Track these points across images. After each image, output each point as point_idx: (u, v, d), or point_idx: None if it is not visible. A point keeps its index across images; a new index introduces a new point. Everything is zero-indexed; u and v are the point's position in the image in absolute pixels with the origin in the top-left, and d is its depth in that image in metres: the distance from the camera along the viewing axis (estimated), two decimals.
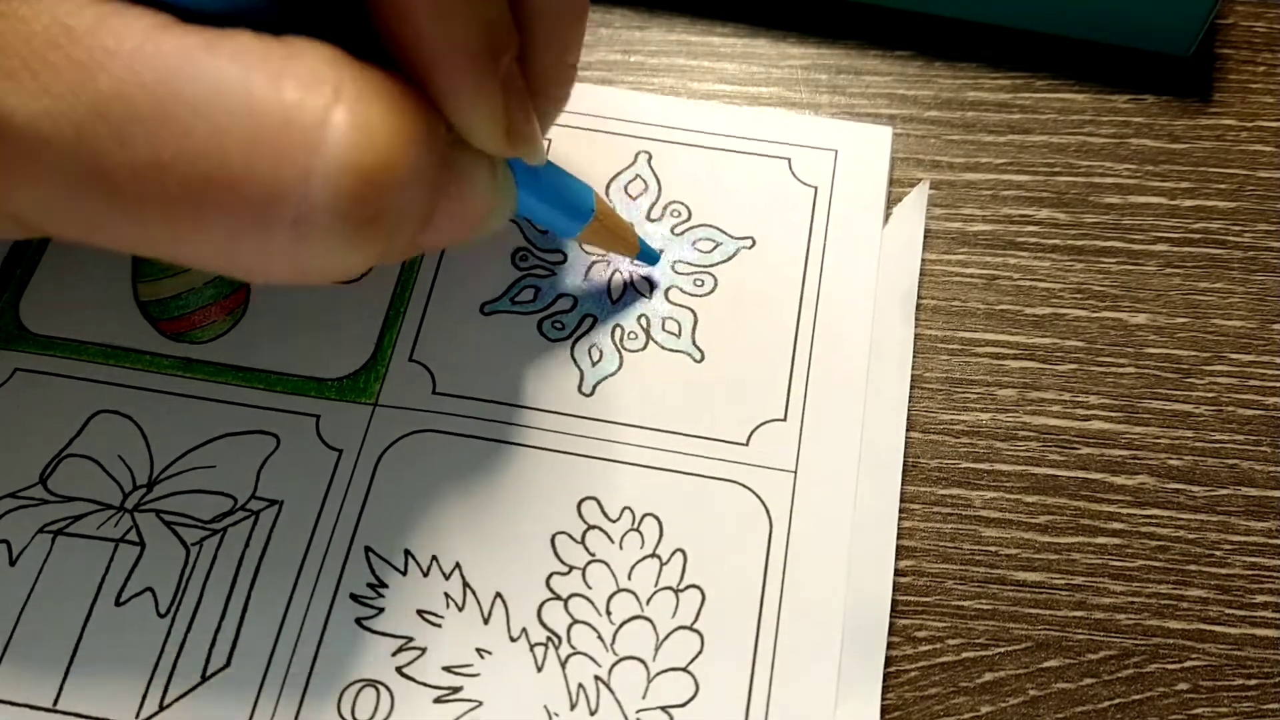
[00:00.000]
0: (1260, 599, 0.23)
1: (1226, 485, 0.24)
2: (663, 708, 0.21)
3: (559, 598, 0.22)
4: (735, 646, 0.22)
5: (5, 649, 0.22)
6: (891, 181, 0.27)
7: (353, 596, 0.22)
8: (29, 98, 0.14)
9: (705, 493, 0.23)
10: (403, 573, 0.22)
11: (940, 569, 0.23)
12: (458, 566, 0.22)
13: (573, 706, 0.21)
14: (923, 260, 0.27)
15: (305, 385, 0.24)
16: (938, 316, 0.26)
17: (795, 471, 0.23)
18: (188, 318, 0.25)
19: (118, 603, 0.22)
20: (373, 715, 0.21)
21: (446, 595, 0.22)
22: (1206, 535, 0.23)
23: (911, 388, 0.25)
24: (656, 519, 0.23)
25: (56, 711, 0.21)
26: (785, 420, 0.24)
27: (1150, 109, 0.29)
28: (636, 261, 0.26)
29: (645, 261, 0.26)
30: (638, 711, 0.21)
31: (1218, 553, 0.23)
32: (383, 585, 0.22)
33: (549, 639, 0.22)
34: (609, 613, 0.22)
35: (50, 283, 0.26)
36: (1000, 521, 0.24)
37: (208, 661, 0.21)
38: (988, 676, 0.22)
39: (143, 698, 0.21)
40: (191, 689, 0.21)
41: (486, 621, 0.22)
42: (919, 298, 0.26)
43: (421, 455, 0.24)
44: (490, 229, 0.20)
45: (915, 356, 0.25)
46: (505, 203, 0.20)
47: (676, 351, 0.25)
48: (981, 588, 0.23)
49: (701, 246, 0.26)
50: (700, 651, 0.22)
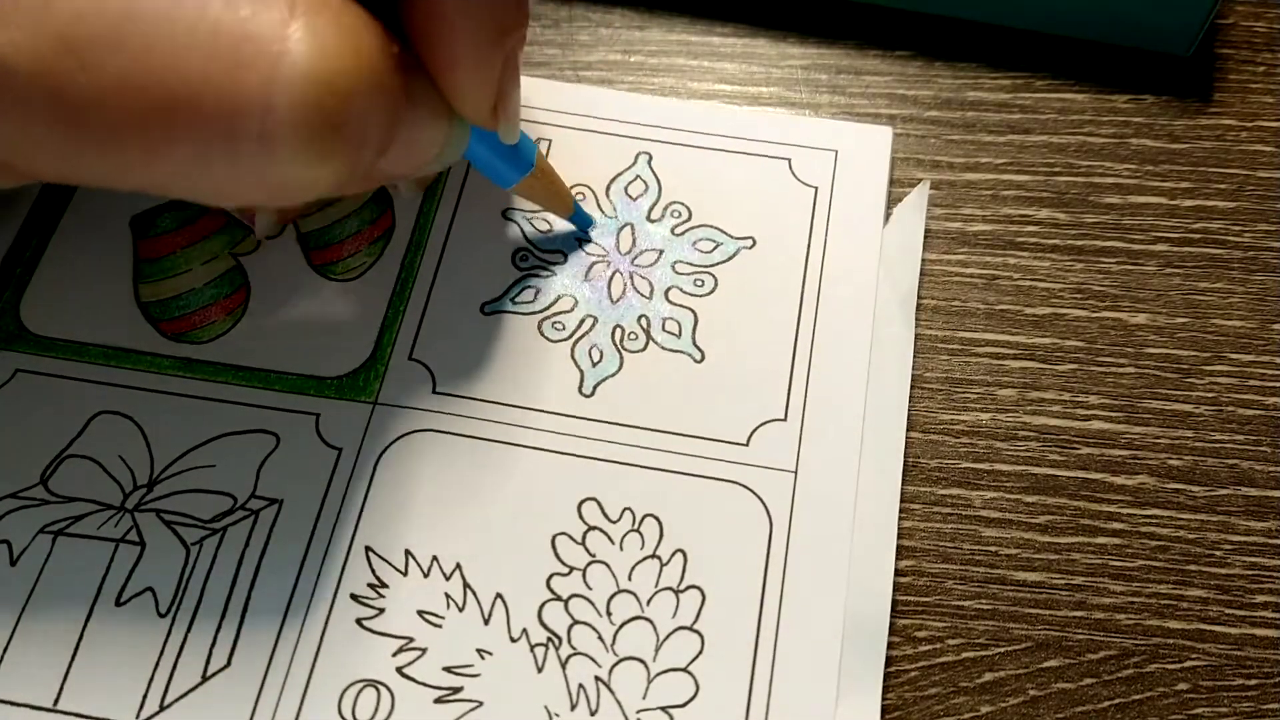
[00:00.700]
0: (1260, 599, 0.23)
1: (1226, 485, 0.24)
2: (663, 708, 0.21)
3: (559, 598, 0.22)
4: (735, 647, 0.22)
5: (6, 649, 0.22)
6: (892, 181, 0.27)
7: (353, 596, 0.22)
8: (2, 38, 0.14)
9: (706, 493, 0.23)
10: (403, 573, 0.22)
11: (940, 569, 0.23)
12: (458, 567, 0.22)
13: (573, 707, 0.21)
14: (923, 260, 0.27)
15: (305, 384, 0.24)
16: (938, 316, 0.26)
17: (795, 471, 0.23)
18: (188, 318, 0.25)
19: (118, 603, 0.22)
20: (373, 715, 0.21)
21: (447, 595, 0.22)
22: (1206, 535, 0.23)
23: (911, 388, 0.25)
24: (657, 519, 0.23)
25: (57, 711, 0.21)
26: (785, 420, 0.24)
27: (1150, 109, 0.29)
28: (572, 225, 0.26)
29: (578, 225, 0.26)
30: (638, 712, 0.21)
31: (1218, 553, 0.23)
32: (383, 585, 0.22)
33: (549, 639, 0.22)
34: (609, 613, 0.22)
35: (51, 283, 0.26)
36: (1000, 521, 0.24)
37: (208, 661, 0.21)
38: (988, 676, 0.22)
39: (143, 697, 0.21)
40: (192, 689, 0.21)
41: (487, 622, 0.22)
42: (919, 298, 0.26)
43: (422, 455, 0.24)
44: (441, 165, 0.20)
45: (915, 356, 0.25)
46: (457, 141, 0.20)
47: (677, 352, 0.25)
48: (981, 588, 0.23)
49: (702, 247, 0.26)
50: (700, 652, 0.22)
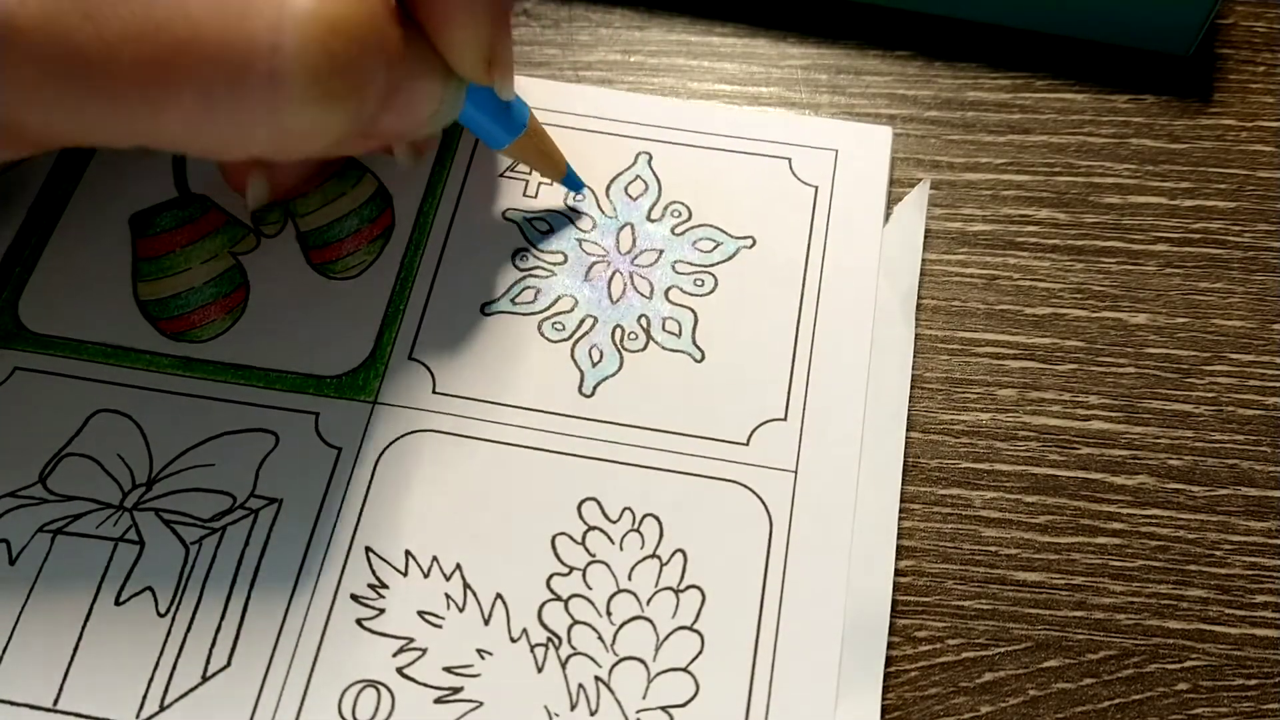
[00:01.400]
0: (1260, 599, 0.23)
1: (1226, 485, 0.24)
2: (663, 708, 0.21)
3: (559, 598, 0.22)
4: (735, 647, 0.22)
5: (5, 648, 0.22)
6: (892, 182, 0.27)
7: (353, 597, 0.22)
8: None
9: (705, 493, 0.23)
10: (403, 573, 0.22)
11: (940, 569, 0.23)
12: (458, 567, 0.22)
13: (573, 707, 0.21)
14: (923, 260, 0.27)
15: (304, 383, 0.24)
16: (938, 316, 0.26)
17: (795, 471, 0.23)
18: (187, 317, 0.25)
19: (117, 602, 0.22)
20: (373, 715, 0.21)
21: (447, 596, 0.22)
22: (1206, 535, 0.23)
23: (911, 388, 0.25)
24: (657, 519, 0.23)
25: (57, 711, 0.21)
26: (786, 420, 0.24)
27: (1150, 109, 0.29)
28: (567, 194, 0.27)
29: (570, 188, 0.26)
30: (638, 712, 0.21)
31: (1218, 553, 0.23)
32: (383, 586, 0.22)
33: (549, 639, 0.22)
34: (609, 613, 0.22)
35: (50, 281, 0.25)
36: (1000, 521, 0.24)
37: (208, 661, 0.21)
38: (988, 676, 0.22)
39: (143, 697, 0.21)
40: (192, 689, 0.21)
41: (487, 622, 0.22)
42: (919, 298, 0.26)
43: (421, 454, 0.24)
44: (436, 126, 0.21)
45: (915, 356, 0.25)
46: (453, 100, 0.21)
47: (677, 351, 0.25)
48: (981, 588, 0.23)
49: (702, 246, 0.26)
50: (700, 652, 0.22)
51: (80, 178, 0.27)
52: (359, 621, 0.22)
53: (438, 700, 0.21)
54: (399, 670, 0.21)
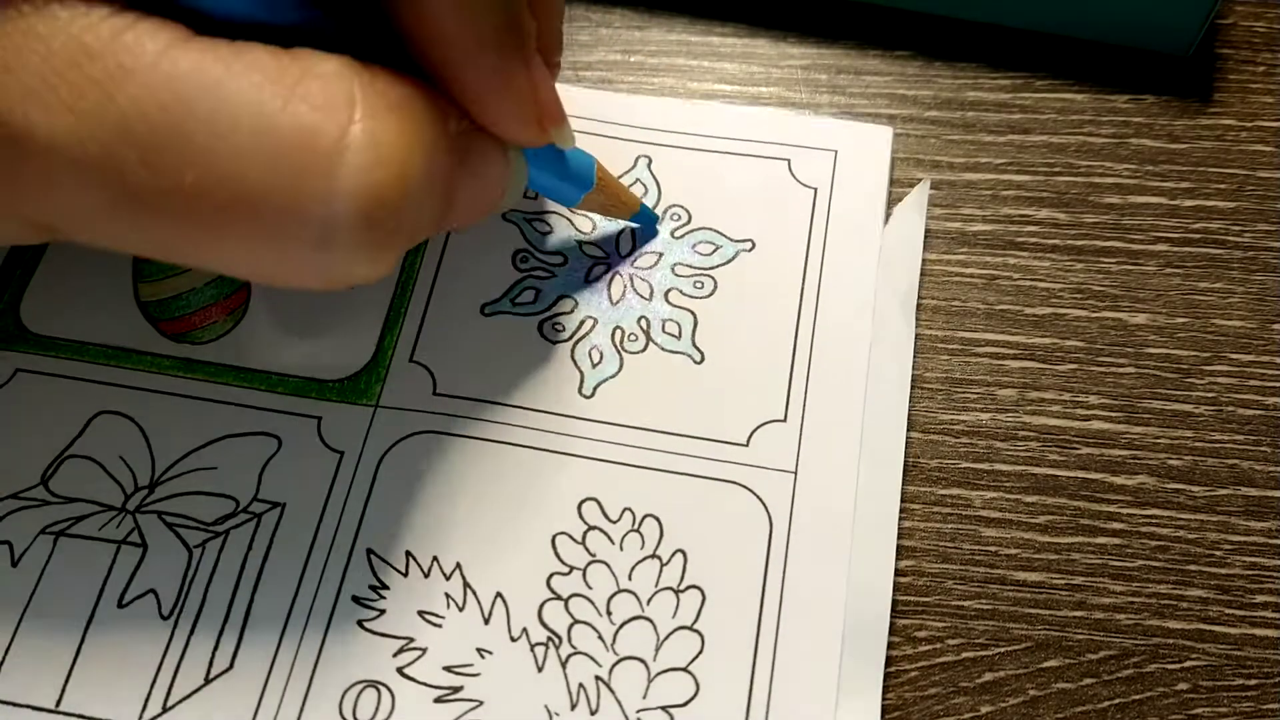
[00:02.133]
0: (1260, 599, 0.23)
1: (1226, 485, 0.24)
2: (663, 708, 0.21)
3: (559, 598, 0.22)
4: (735, 647, 0.22)
5: (8, 650, 0.22)
6: (892, 182, 0.27)
7: (354, 599, 0.22)
8: (53, 116, 0.14)
9: (706, 493, 0.23)
10: (404, 574, 0.22)
11: (940, 569, 0.23)
12: (458, 567, 0.22)
13: (573, 706, 0.21)
14: (923, 260, 0.27)
15: (306, 386, 0.24)
16: (938, 316, 0.26)
17: (795, 472, 0.23)
18: (188, 318, 0.25)
19: (120, 605, 0.22)
20: (374, 715, 0.21)
21: (447, 596, 0.22)
22: (1206, 535, 0.24)
23: (911, 388, 0.25)
24: (657, 520, 0.23)
25: (59, 713, 0.21)
26: (785, 421, 0.24)
27: (1150, 109, 0.29)
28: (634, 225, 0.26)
29: (644, 224, 0.26)
30: (638, 711, 0.21)
31: (1218, 553, 0.23)
32: (384, 587, 0.22)
33: (549, 639, 0.22)
34: (609, 613, 0.22)
35: (51, 283, 0.26)
36: (1000, 521, 0.24)
37: (211, 663, 0.21)
38: (988, 676, 0.22)
39: (145, 700, 0.21)
40: (195, 691, 0.21)
41: (487, 621, 0.22)
42: (919, 298, 0.26)
43: (423, 456, 0.24)
44: (509, 203, 0.20)
45: (915, 356, 0.25)
46: (519, 181, 0.20)
47: (676, 353, 0.25)
48: (981, 588, 0.23)
49: (701, 249, 0.26)
50: (701, 651, 0.22)
51: None
52: (360, 622, 0.22)
53: (438, 700, 0.21)
54: (399, 670, 0.22)
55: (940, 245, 0.27)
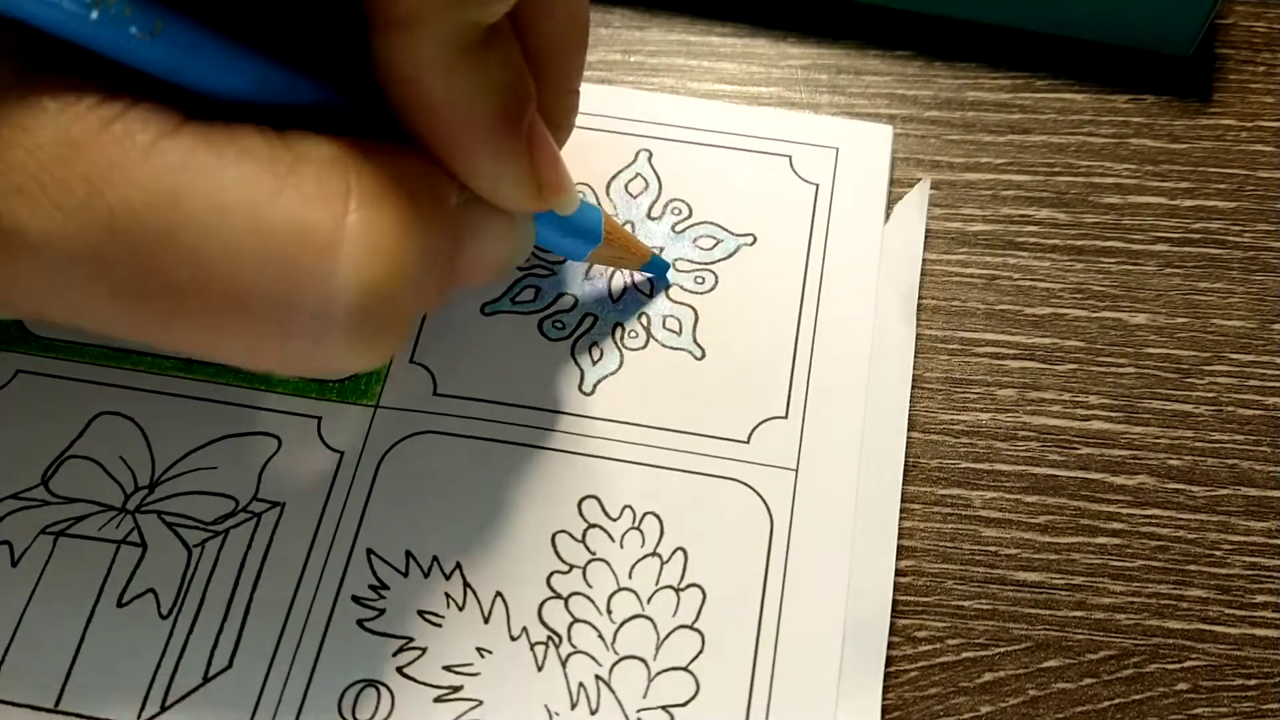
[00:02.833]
0: (1260, 599, 0.23)
1: (1226, 485, 0.24)
2: (663, 707, 0.21)
3: (559, 596, 0.22)
4: (736, 645, 0.22)
5: (7, 650, 0.22)
6: (892, 182, 0.27)
7: (354, 598, 0.22)
8: (41, 214, 0.14)
9: (706, 491, 0.23)
10: (404, 574, 0.22)
11: (940, 569, 0.23)
12: (458, 566, 0.22)
13: (573, 705, 0.21)
14: (923, 260, 0.27)
15: (306, 387, 0.24)
16: (938, 316, 0.26)
17: (796, 469, 0.23)
18: None
19: (120, 604, 0.22)
20: (374, 715, 0.21)
21: (447, 595, 0.22)
22: (1206, 535, 0.24)
23: (911, 388, 0.25)
24: (657, 517, 0.23)
25: (58, 712, 0.21)
26: (786, 417, 0.24)
27: (1150, 109, 0.29)
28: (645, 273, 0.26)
29: (655, 273, 0.26)
30: (638, 711, 0.21)
31: (1218, 553, 0.23)
32: (384, 587, 0.22)
33: (549, 638, 0.22)
34: (609, 611, 0.22)
35: None
36: (1000, 521, 0.24)
37: (210, 663, 0.21)
38: (988, 676, 0.22)
39: (144, 699, 0.21)
40: (193, 690, 0.21)
41: (487, 621, 0.22)
42: (919, 298, 0.26)
43: (423, 456, 0.24)
44: (515, 263, 0.20)
45: (915, 356, 0.25)
46: (525, 242, 0.20)
47: (677, 349, 0.25)
48: (981, 588, 0.23)
49: (702, 244, 0.26)
50: (701, 651, 0.22)
51: None
52: (359, 622, 0.22)
53: (438, 699, 0.21)
54: (399, 670, 0.22)
55: (940, 245, 0.27)
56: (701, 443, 0.24)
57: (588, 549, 0.23)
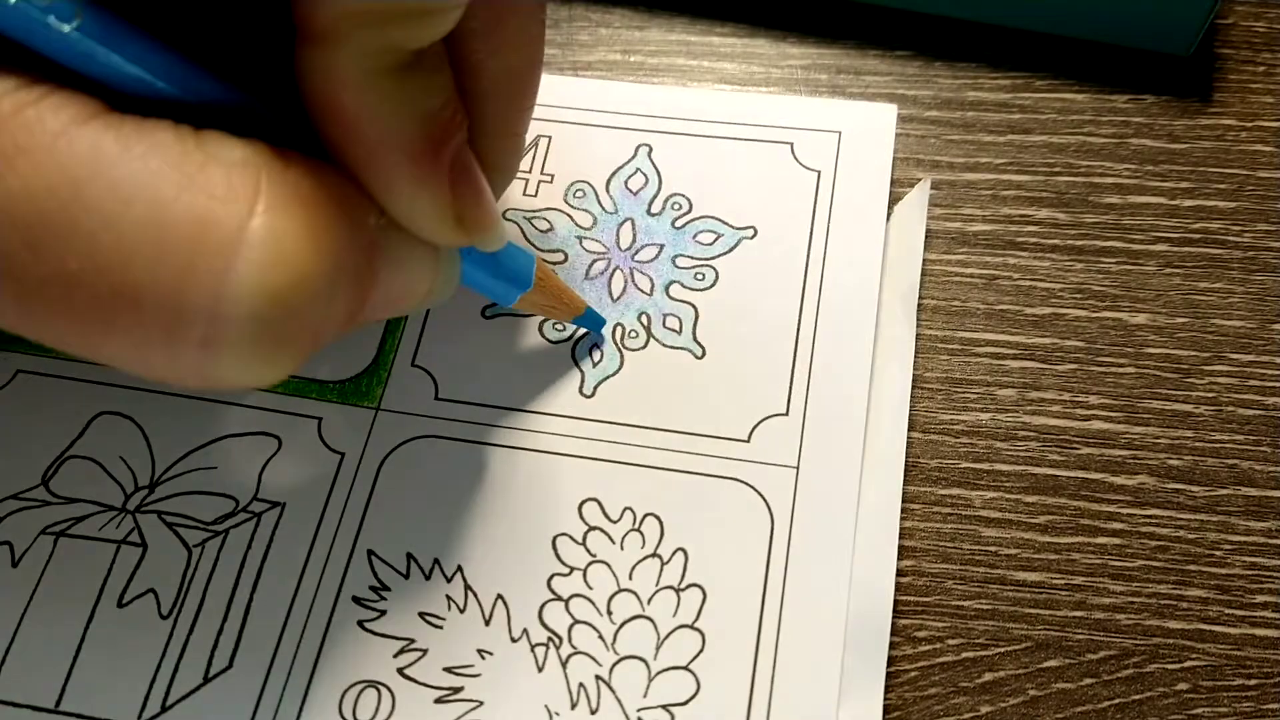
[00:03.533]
0: (1260, 599, 0.23)
1: (1226, 485, 0.24)
2: (664, 706, 0.21)
3: (560, 598, 0.22)
4: (737, 645, 0.22)
5: (8, 650, 0.22)
6: (893, 181, 0.27)
7: (355, 599, 0.22)
8: None
9: (706, 491, 0.23)
10: (405, 575, 0.22)
11: (940, 569, 0.23)
12: (459, 569, 0.22)
13: (574, 706, 0.21)
14: (923, 260, 0.27)
15: (306, 387, 0.24)
16: (938, 316, 0.26)
17: (797, 467, 0.23)
18: None
19: (120, 604, 0.22)
20: (374, 716, 0.21)
21: (448, 597, 0.22)
22: (1206, 535, 0.24)
23: (912, 387, 0.25)
24: (657, 519, 0.23)
25: (59, 712, 0.21)
26: (787, 415, 0.24)
27: (1150, 109, 0.29)
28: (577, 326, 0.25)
29: (589, 327, 0.25)
30: (639, 710, 0.21)
31: (1218, 553, 0.23)
32: (385, 588, 0.22)
33: (550, 639, 0.22)
34: (610, 612, 0.22)
35: None
36: (1000, 521, 0.24)
37: (210, 663, 0.21)
38: (988, 676, 0.22)
39: (145, 699, 0.21)
40: (194, 690, 0.21)
41: (488, 622, 0.22)
42: (919, 298, 0.26)
43: (424, 459, 0.24)
44: (434, 303, 0.19)
45: (915, 356, 0.25)
46: (448, 279, 0.19)
47: (677, 348, 0.25)
48: (981, 588, 0.23)
49: (703, 239, 0.26)
50: (701, 650, 0.22)
51: None
52: (360, 623, 0.22)
53: (438, 700, 0.21)
54: (400, 671, 0.22)
55: (940, 245, 0.27)
56: (702, 442, 0.24)
57: (588, 552, 0.23)
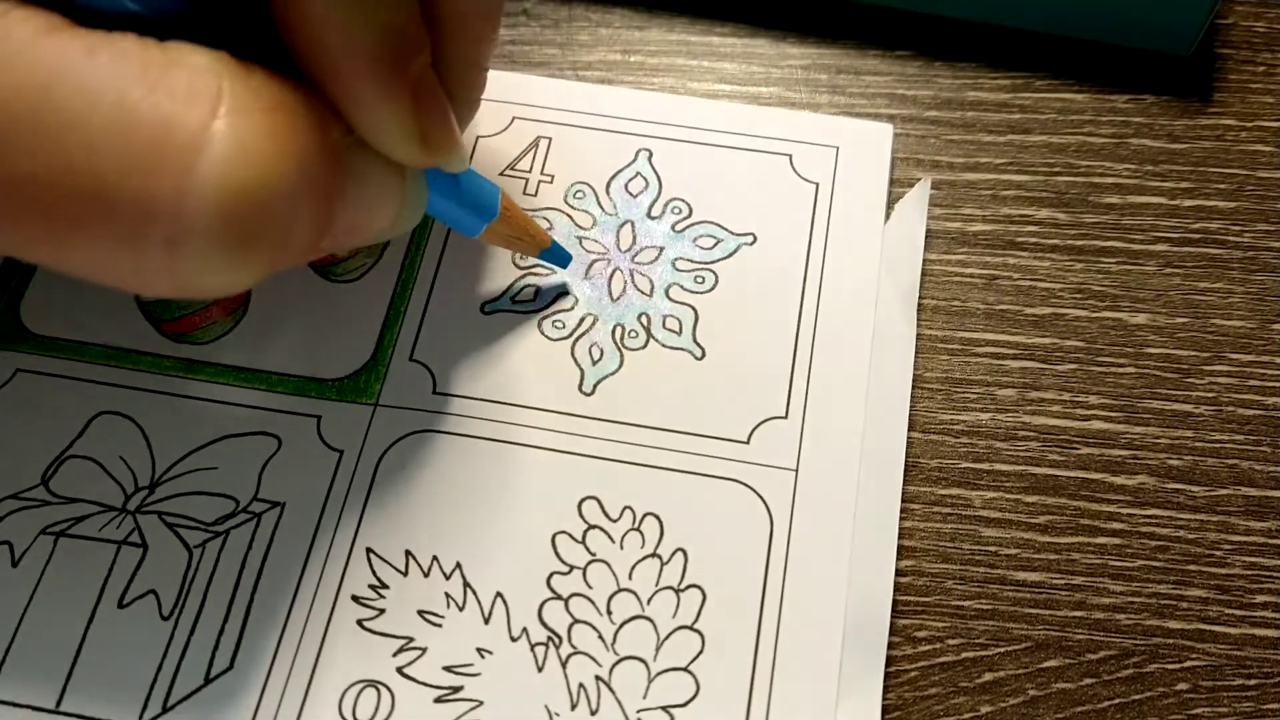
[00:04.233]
0: (1260, 599, 0.23)
1: (1226, 485, 0.24)
2: (663, 707, 0.21)
3: (559, 597, 0.22)
4: (736, 646, 0.22)
5: (8, 651, 0.22)
6: (892, 182, 0.27)
7: (354, 598, 0.22)
8: None
9: (706, 491, 0.23)
10: (404, 573, 0.22)
11: (940, 569, 0.23)
12: (458, 566, 0.22)
13: (573, 706, 0.21)
14: (923, 260, 0.27)
15: (306, 386, 0.24)
16: (938, 316, 0.26)
17: (796, 470, 0.23)
18: (189, 318, 0.25)
19: (121, 605, 0.22)
20: (374, 715, 0.21)
21: (447, 595, 0.22)
22: (1206, 535, 0.24)
23: (912, 387, 0.25)
24: (657, 518, 0.23)
25: (59, 713, 0.21)
26: (786, 418, 0.24)
27: (1150, 109, 0.29)
28: (543, 261, 0.25)
29: (554, 262, 0.25)
30: (638, 711, 0.21)
31: (1218, 553, 0.23)
32: (384, 586, 0.22)
33: (550, 638, 0.22)
34: (609, 612, 0.22)
35: (51, 283, 0.26)
36: (1000, 521, 0.24)
37: (211, 663, 0.21)
38: (988, 676, 0.22)
39: (145, 700, 0.21)
40: (195, 691, 0.21)
41: (487, 621, 0.22)
42: (919, 298, 0.26)
43: (422, 456, 0.24)
44: (401, 231, 0.19)
45: (915, 356, 0.25)
46: (415, 204, 0.19)
47: (677, 349, 0.25)
48: (981, 588, 0.23)
49: (702, 243, 0.26)
50: (701, 651, 0.22)
51: None
52: (359, 622, 0.22)
53: (438, 700, 0.21)
54: (399, 670, 0.22)
55: (940, 245, 0.27)
56: (701, 443, 0.24)
57: (588, 550, 0.23)
